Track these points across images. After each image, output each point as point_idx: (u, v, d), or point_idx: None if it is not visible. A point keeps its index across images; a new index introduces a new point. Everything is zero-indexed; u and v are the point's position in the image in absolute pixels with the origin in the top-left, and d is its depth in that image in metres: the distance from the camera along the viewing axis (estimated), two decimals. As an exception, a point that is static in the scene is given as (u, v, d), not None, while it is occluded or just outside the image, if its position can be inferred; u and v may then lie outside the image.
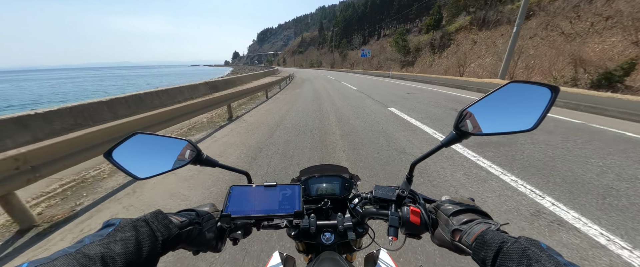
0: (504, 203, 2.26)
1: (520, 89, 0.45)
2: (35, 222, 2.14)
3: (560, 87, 0.43)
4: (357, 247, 0.65)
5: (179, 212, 0.47)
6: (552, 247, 0.30)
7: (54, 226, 2.15)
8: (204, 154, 0.56)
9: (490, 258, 0.33)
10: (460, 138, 0.49)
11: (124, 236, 0.33)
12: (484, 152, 3.44)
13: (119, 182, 2.95)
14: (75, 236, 2.01)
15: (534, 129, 0.44)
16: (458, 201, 0.48)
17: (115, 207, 2.42)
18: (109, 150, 0.48)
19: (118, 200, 2.57)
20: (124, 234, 0.33)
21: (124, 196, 2.64)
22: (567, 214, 2.07)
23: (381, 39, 61.96)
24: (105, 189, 2.83)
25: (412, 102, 8.19)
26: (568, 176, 2.72)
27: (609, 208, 2.14)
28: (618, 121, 5.30)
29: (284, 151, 3.80)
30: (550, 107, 0.43)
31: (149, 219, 0.37)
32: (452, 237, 0.43)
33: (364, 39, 73.26)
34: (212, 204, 0.55)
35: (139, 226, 0.35)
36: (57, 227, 2.14)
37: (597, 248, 1.72)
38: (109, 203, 2.50)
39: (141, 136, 0.51)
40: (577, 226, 1.93)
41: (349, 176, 0.70)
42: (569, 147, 3.61)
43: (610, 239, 1.79)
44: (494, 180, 2.70)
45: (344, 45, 64.45)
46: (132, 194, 2.67)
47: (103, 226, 0.35)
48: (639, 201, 2.22)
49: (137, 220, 0.36)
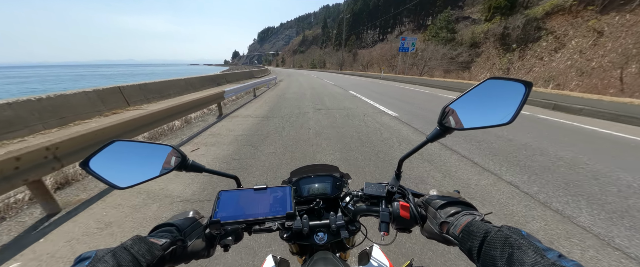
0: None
1: (498, 84, 0.48)
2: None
3: (532, 82, 0.46)
4: (350, 245, 0.66)
5: (158, 232, 0.45)
6: (531, 234, 0.33)
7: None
8: (189, 159, 0.54)
9: (476, 248, 0.35)
10: (444, 133, 0.52)
11: (104, 266, 0.32)
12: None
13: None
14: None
15: (511, 122, 0.48)
16: (445, 194, 0.51)
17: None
18: (85, 160, 0.45)
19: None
20: (104, 264, 0.32)
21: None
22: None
23: (402, 33, 50.25)
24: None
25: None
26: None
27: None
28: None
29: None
30: (525, 101, 0.46)
31: (129, 246, 0.36)
32: (440, 230, 0.45)
33: (381, 34, 61.37)
34: (195, 210, 0.55)
35: (119, 254, 0.34)
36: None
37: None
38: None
39: (120, 143, 0.49)
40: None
41: (339, 175, 0.70)
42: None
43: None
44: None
45: (352, 42, 53.27)
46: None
47: (75, 261, 0.33)
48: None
49: (115, 249, 0.35)
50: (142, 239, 0.38)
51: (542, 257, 0.28)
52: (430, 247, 1.74)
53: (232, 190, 0.53)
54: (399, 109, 7.20)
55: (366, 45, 60.18)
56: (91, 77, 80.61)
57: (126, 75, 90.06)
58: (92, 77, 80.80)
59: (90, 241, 1.92)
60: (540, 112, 6.96)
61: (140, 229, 2.05)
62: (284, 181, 0.71)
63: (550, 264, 0.27)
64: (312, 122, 5.65)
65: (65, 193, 2.66)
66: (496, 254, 0.32)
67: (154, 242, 0.39)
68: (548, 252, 0.29)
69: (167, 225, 0.47)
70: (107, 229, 2.06)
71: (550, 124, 5.62)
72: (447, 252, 1.69)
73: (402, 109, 7.12)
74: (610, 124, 5.70)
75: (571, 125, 5.52)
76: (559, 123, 5.71)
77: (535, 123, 5.62)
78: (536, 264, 0.28)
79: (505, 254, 0.31)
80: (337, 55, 61.55)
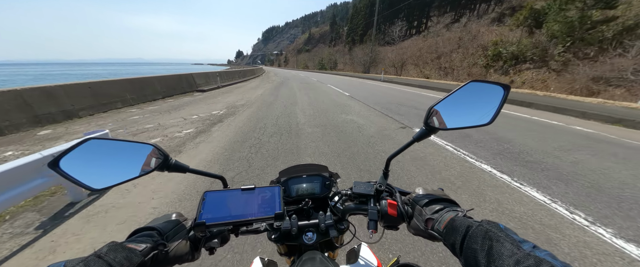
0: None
1: (479, 87, 0.51)
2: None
3: (510, 85, 0.49)
4: (339, 244, 0.66)
5: (137, 236, 0.43)
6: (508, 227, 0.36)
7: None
8: (172, 159, 0.52)
9: (459, 242, 0.37)
10: (429, 133, 0.54)
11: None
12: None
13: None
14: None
15: (490, 123, 0.50)
16: (430, 192, 0.53)
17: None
18: (54, 159, 0.41)
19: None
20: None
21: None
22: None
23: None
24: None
25: None
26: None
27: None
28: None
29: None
30: (504, 103, 0.49)
31: (104, 254, 0.34)
32: (425, 226, 0.47)
33: (419, 26, 47.56)
34: (178, 212, 0.53)
35: (93, 264, 0.32)
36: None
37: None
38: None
39: (96, 141, 0.46)
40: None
41: (328, 175, 0.70)
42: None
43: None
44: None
45: (373, 37, 40.05)
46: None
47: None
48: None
49: (87, 258, 0.32)
50: (118, 246, 0.36)
51: (519, 249, 0.31)
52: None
53: (218, 191, 0.51)
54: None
55: (390, 42, 46.41)
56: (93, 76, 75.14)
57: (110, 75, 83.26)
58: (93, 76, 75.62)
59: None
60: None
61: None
62: (273, 181, 0.69)
63: (525, 254, 0.30)
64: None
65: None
66: (477, 248, 0.34)
67: (132, 248, 0.37)
68: (524, 244, 0.32)
69: (147, 229, 0.45)
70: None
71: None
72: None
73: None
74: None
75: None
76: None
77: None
78: (513, 256, 0.30)
79: (485, 247, 0.33)
80: (354, 54, 47.83)
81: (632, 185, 2.73)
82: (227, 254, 1.73)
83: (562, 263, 0.28)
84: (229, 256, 1.72)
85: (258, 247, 1.79)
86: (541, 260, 0.28)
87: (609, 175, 2.98)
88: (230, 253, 1.74)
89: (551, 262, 0.27)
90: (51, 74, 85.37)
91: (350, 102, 8.81)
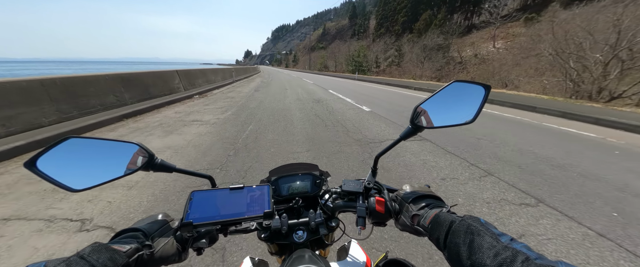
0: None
1: (462, 87, 0.53)
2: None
3: (490, 85, 0.51)
4: (329, 241, 0.67)
5: (121, 238, 0.42)
6: (489, 221, 0.38)
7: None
8: (157, 158, 0.51)
9: (443, 237, 0.39)
10: (415, 131, 0.55)
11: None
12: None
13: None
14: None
15: (473, 121, 0.52)
16: (416, 189, 0.54)
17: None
18: (31, 159, 0.39)
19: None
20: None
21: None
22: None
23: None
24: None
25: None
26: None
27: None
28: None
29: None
30: (485, 102, 0.51)
31: (87, 255, 0.33)
32: (412, 222, 0.48)
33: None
34: (164, 213, 0.52)
35: (74, 264, 0.31)
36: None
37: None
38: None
39: (76, 140, 0.44)
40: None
41: (319, 173, 0.71)
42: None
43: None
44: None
45: (433, 27, 21.49)
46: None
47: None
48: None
49: (69, 258, 0.32)
50: (102, 246, 0.35)
51: (497, 241, 0.33)
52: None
53: (206, 190, 0.52)
54: None
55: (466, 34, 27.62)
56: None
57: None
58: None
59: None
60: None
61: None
62: (263, 180, 0.69)
63: (504, 246, 0.32)
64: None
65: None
66: (459, 242, 0.35)
67: (116, 249, 0.36)
68: (502, 237, 0.34)
69: (132, 230, 0.44)
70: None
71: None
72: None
73: None
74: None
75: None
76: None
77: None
78: (492, 248, 0.32)
79: (467, 240, 0.35)
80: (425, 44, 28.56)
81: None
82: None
83: (537, 254, 0.30)
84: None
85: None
86: (517, 251, 0.31)
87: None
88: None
89: (526, 254, 0.30)
90: (89, 70, 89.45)
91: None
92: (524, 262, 0.29)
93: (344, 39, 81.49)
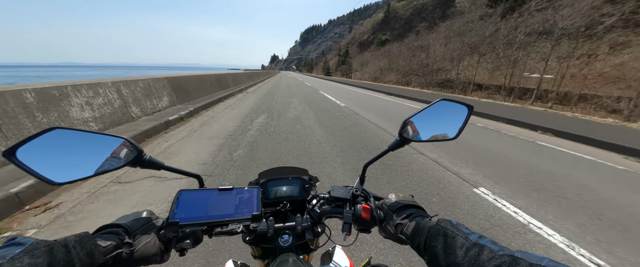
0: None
1: (448, 105, 0.57)
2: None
3: (473, 106, 0.53)
4: (314, 246, 0.67)
5: (102, 233, 0.41)
6: (460, 222, 0.34)
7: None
8: (146, 154, 0.49)
9: (423, 243, 0.41)
10: (403, 143, 0.58)
11: (33, 261, 0.28)
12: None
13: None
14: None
15: (456, 137, 0.56)
16: (401, 199, 0.56)
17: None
18: (11, 148, 0.37)
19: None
20: (34, 259, 0.29)
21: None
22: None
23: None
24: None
25: None
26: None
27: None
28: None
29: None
30: (467, 121, 0.54)
31: (71, 243, 0.33)
32: (395, 230, 0.51)
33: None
34: (149, 210, 0.51)
35: (56, 251, 0.31)
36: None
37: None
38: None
39: (61, 131, 0.42)
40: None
41: (308, 178, 0.71)
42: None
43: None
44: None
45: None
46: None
47: (7, 241, 0.30)
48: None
49: (54, 242, 0.32)
50: (89, 239, 0.35)
51: (467, 240, 0.36)
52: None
53: (194, 190, 0.51)
54: None
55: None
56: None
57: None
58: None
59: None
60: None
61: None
62: (252, 182, 0.70)
63: (472, 243, 0.36)
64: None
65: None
66: (436, 245, 0.39)
67: (98, 244, 0.36)
68: (471, 235, 0.37)
69: (114, 226, 0.43)
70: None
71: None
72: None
73: None
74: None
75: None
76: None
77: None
78: (463, 246, 0.36)
79: (442, 242, 0.38)
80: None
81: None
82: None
83: (500, 247, 0.34)
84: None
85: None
86: (483, 246, 0.34)
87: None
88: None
89: (490, 247, 0.34)
90: (144, 73, 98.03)
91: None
92: (489, 254, 0.33)
93: (423, 27, 37.44)
